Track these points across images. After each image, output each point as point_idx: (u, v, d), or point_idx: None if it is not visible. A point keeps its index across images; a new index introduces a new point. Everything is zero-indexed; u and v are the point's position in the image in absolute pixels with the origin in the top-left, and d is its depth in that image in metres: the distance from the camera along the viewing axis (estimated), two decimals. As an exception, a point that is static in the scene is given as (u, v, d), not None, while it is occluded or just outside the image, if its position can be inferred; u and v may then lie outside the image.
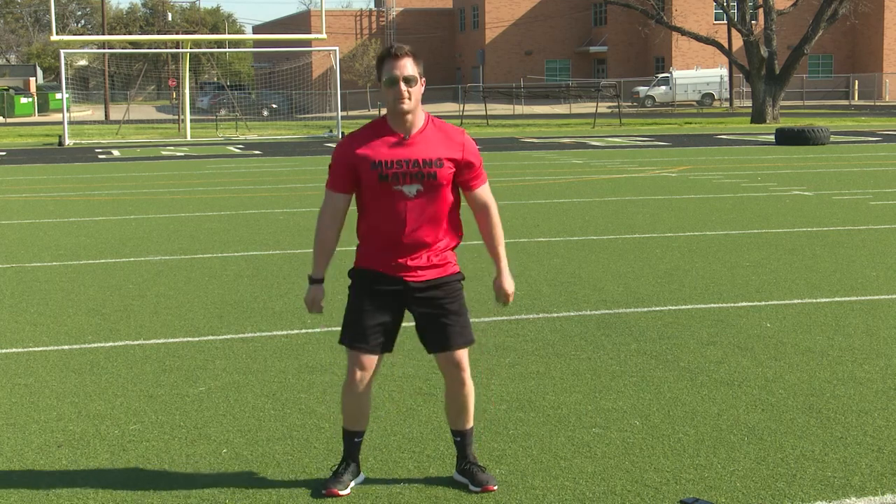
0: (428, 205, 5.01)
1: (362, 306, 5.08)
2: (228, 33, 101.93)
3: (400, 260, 5.04)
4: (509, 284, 5.27)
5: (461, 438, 5.26)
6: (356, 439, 5.23)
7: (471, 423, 5.28)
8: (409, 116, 4.98)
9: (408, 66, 4.94)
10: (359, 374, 5.09)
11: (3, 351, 8.06)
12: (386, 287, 5.06)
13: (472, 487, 5.13)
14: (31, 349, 8.10)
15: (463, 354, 5.12)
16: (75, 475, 5.43)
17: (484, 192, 5.21)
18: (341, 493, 5.10)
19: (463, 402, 5.20)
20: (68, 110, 41.80)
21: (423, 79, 5.02)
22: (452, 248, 5.18)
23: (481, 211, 5.21)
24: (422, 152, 4.98)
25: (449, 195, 5.07)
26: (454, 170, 5.04)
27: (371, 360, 5.08)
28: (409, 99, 4.94)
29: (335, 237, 5.15)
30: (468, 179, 5.13)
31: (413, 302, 5.09)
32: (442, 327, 5.09)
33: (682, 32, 52.82)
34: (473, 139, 5.22)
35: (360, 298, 5.10)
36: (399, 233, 5.01)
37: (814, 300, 9.53)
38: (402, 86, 4.92)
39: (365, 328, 5.06)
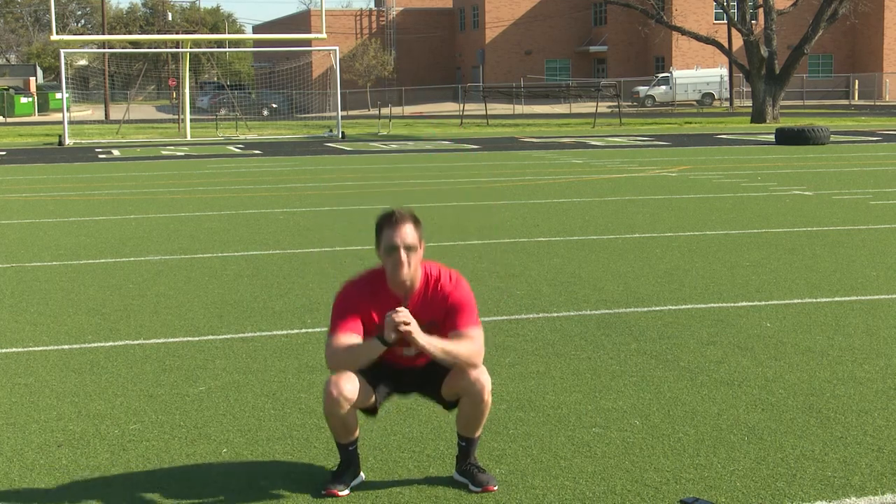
0: (425, 355, 5.08)
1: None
2: (228, 33, 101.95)
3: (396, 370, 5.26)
4: (414, 325, 4.90)
5: (467, 444, 5.26)
6: (350, 448, 5.22)
7: (479, 433, 5.28)
8: (408, 282, 5.01)
9: (408, 235, 4.93)
10: (337, 398, 5.04)
11: (3, 350, 8.06)
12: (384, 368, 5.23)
13: (472, 487, 5.13)
14: (31, 349, 8.10)
15: (486, 376, 5.14)
16: (75, 475, 5.43)
17: (469, 330, 5.06)
18: (341, 493, 5.10)
19: (479, 414, 5.19)
20: (68, 110, 41.79)
21: (423, 242, 5.01)
22: None
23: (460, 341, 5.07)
24: (419, 316, 4.98)
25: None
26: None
27: (356, 387, 5.08)
28: (409, 266, 4.94)
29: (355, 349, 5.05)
30: (454, 324, 5.06)
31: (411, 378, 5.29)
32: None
33: (682, 32, 52.83)
34: (464, 284, 5.13)
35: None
36: (393, 366, 5.19)
37: (814, 300, 9.53)
38: (403, 254, 4.92)
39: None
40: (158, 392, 6.87)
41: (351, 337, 4.99)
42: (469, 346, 5.03)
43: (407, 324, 4.86)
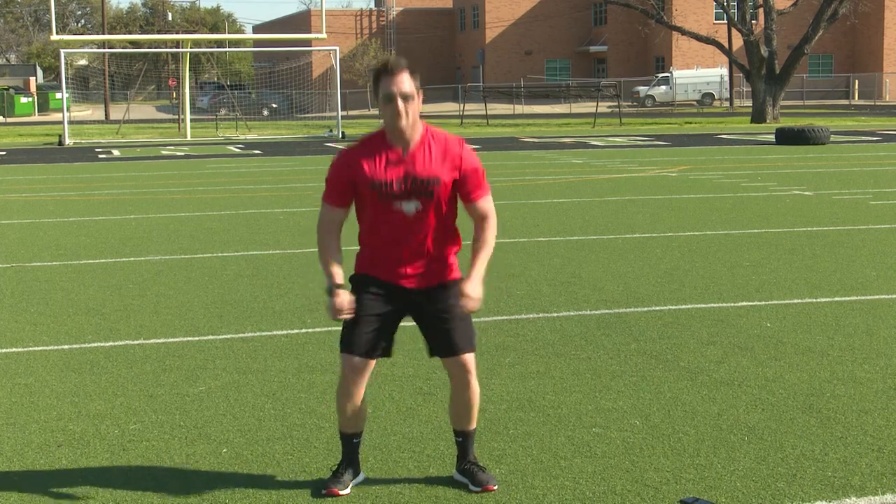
0: (427, 219, 4.99)
1: (361, 315, 5.05)
2: (228, 33, 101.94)
3: (400, 269, 5.03)
4: (472, 288, 4.96)
5: (463, 439, 5.26)
6: (354, 440, 5.23)
7: (474, 425, 5.27)
8: (407, 132, 4.93)
9: (405, 82, 4.89)
10: (351, 377, 5.07)
11: (3, 350, 8.06)
12: (385, 292, 5.04)
13: (472, 487, 5.13)
14: (31, 349, 8.10)
15: (470, 358, 5.11)
16: (75, 475, 5.43)
17: (483, 204, 5.09)
18: (341, 492, 5.10)
19: (468, 404, 5.19)
20: (68, 110, 41.79)
21: (421, 92, 4.97)
22: (454, 254, 5.16)
23: (478, 222, 5.12)
24: (420, 169, 4.94)
25: (448, 208, 5.05)
26: (452, 183, 5.01)
27: (364, 364, 5.06)
28: (407, 115, 4.89)
29: (338, 246, 5.10)
30: (467, 192, 5.06)
31: (416, 307, 5.07)
32: (448, 332, 5.06)
33: (683, 32, 52.82)
34: (473, 148, 5.18)
35: (360, 308, 5.06)
36: (399, 245, 5.01)
37: (814, 300, 9.53)
38: (400, 102, 4.87)
39: (361, 334, 5.03)
40: (158, 392, 6.87)
41: (338, 211, 5.02)
42: (491, 231, 5.09)
43: (472, 300, 4.93)
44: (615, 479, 5.24)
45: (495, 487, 5.13)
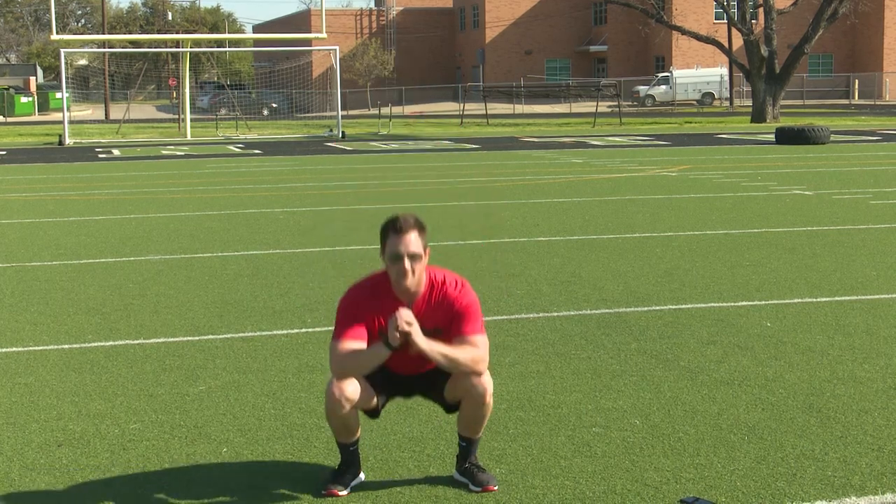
0: (428, 361, 5.05)
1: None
2: (228, 32, 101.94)
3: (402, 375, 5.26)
4: (418, 334, 4.85)
5: (468, 445, 5.25)
6: (351, 448, 5.22)
7: (481, 434, 5.27)
8: (412, 289, 4.98)
9: (412, 243, 4.88)
10: (339, 403, 5.05)
11: (4, 350, 8.06)
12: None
13: (472, 487, 5.13)
14: (31, 348, 8.10)
15: (488, 378, 5.13)
16: (75, 474, 5.43)
17: (474, 337, 5.04)
18: (341, 493, 5.09)
19: (481, 417, 5.19)
20: (68, 109, 41.78)
21: (428, 250, 4.98)
22: None
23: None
24: (423, 322, 4.94)
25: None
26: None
27: (356, 389, 5.07)
28: (413, 275, 4.91)
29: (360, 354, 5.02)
30: (459, 327, 5.04)
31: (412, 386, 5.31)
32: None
33: (683, 32, 52.82)
34: (470, 292, 5.11)
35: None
36: (399, 369, 5.18)
37: (814, 299, 9.53)
38: (407, 262, 4.88)
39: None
40: (158, 391, 6.87)
41: (355, 343, 4.96)
42: (472, 352, 5.00)
43: (409, 324, 4.81)
44: (615, 479, 5.24)
45: (496, 487, 5.13)
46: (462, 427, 5.24)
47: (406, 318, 4.82)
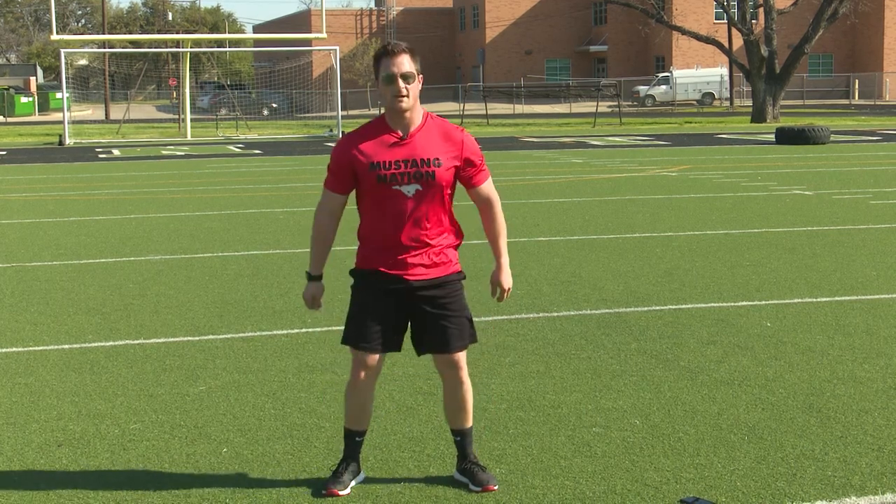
0: (427, 204, 4.99)
1: (364, 306, 5.07)
2: (228, 33, 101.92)
3: (400, 258, 5.02)
4: (507, 279, 5.29)
5: (461, 437, 5.26)
6: (357, 438, 5.23)
7: (470, 422, 5.27)
8: (408, 114, 4.94)
9: (405, 63, 4.90)
10: (362, 373, 5.09)
11: (4, 350, 8.06)
12: (387, 286, 5.04)
13: (472, 487, 5.13)
14: (31, 348, 8.10)
15: (461, 355, 5.12)
16: (75, 474, 5.43)
17: (486, 188, 5.18)
18: (341, 492, 5.10)
19: (461, 401, 5.20)
20: (69, 110, 41.78)
21: (421, 76, 4.98)
22: (454, 247, 5.17)
23: (483, 206, 5.22)
24: (420, 152, 4.94)
25: (448, 195, 5.06)
26: (454, 169, 5.02)
27: (374, 359, 5.08)
28: (408, 96, 4.90)
29: (332, 234, 5.17)
30: (469, 176, 5.10)
31: (413, 301, 5.07)
32: (441, 329, 5.07)
33: (683, 32, 52.82)
34: (474, 137, 5.20)
35: (362, 298, 5.08)
36: (399, 232, 5.00)
37: (814, 299, 9.53)
38: (400, 83, 4.88)
39: (367, 328, 5.04)
40: (159, 392, 6.87)
41: (337, 196, 5.09)
42: (498, 210, 5.26)
43: (504, 290, 5.29)
44: (615, 479, 5.24)
45: (496, 487, 5.13)
46: (450, 419, 5.27)
47: (502, 293, 5.31)
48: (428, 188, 4.96)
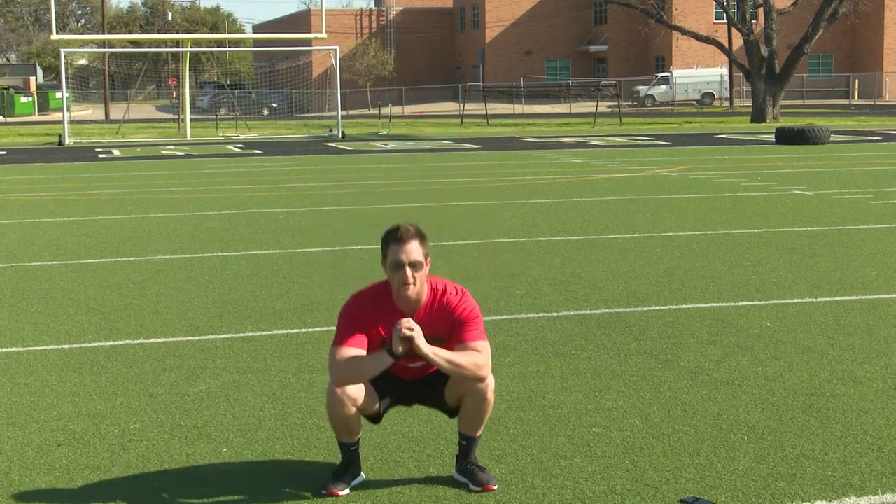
0: (430, 366, 5.07)
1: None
2: (228, 32, 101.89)
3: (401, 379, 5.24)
4: (420, 338, 4.87)
5: (468, 443, 5.25)
6: (352, 448, 5.22)
7: (481, 432, 5.28)
8: (414, 298, 4.98)
9: (414, 252, 4.89)
10: (347, 405, 5.05)
11: (4, 350, 8.06)
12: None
13: (472, 487, 5.13)
14: (31, 348, 8.10)
15: (491, 377, 5.14)
16: (75, 474, 5.43)
17: (475, 344, 5.03)
18: (341, 492, 5.09)
19: (482, 413, 5.19)
20: (68, 109, 41.77)
21: (429, 258, 4.98)
22: None
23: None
24: (426, 331, 4.93)
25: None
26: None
27: (360, 391, 5.09)
28: (415, 284, 4.92)
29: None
30: (460, 334, 5.03)
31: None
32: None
33: (682, 32, 52.81)
34: (464, 290, 5.11)
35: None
36: (402, 376, 5.20)
37: (814, 299, 9.53)
38: (408, 271, 4.89)
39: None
40: (158, 391, 6.87)
41: (356, 350, 4.95)
42: (474, 357, 4.98)
43: (411, 330, 4.82)
44: (615, 479, 5.24)
45: (495, 487, 5.13)
46: (463, 425, 5.24)
47: (408, 325, 4.83)
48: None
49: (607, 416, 6.21)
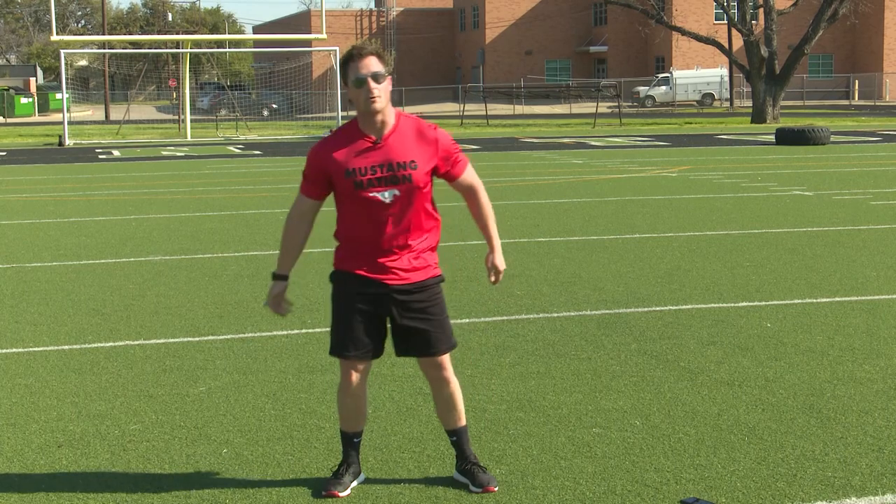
0: (405, 207, 4.95)
1: (348, 315, 5.03)
2: (228, 33, 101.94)
3: (379, 262, 5.00)
4: (501, 261, 5.26)
5: (457, 437, 5.25)
6: (355, 439, 5.23)
7: (463, 421, 5.26)
8: (380, 116, 4.88)
9: (374, 64, 4.85)
10: (354, 378, 5.08)
11: (4, 351, 8.06)
12: (367, 290, 5.01)
13: (472, 488, 5.13)
14: (31, 349, 8.10)
15: (445, 357, 5.12)
16: (75, 475, 5.43)
17: (467, 177, 5.16)
18: (341, 494, 5.09)
19: (450, 400, 5.19)
20: (68, 110, 41.79)
21: (391, 76, 4.95)
22: (433, 249, 5.13)
23: (468, 195, 5.21)
24: (395, 155, 4.90)
25: (425, 196, 5.02)
26: (431, 169, 4.99)
27: (363, 364, 5.08)
28: (381, 97, 4.84)
29: (303, 237, 5.29)
30: (449, 170, 5.07)
31: (394, 305, 5.04)
32: (424, 333, 5.04)
33: (683, 32, 52.80)
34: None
35: (345, 307, 5.05)
36: (378, 237, 4.97)
37: (814, 300, 9.53)
38: (371, 84, 4.82)
39: (353, 335, 5.02)
40: (159, 392, 6.87)
41: (309, 204, 5.19)
42: (487, 199, 5.25)
43: (500, 272, 5.24)
44: (615, 480, 5.24)
45: (496, 488, 5.13)
46: (443, 420, 5.27)
47: (501, 269, 5.24)
48: (405, 192, 4.92)
49: (607, 417, 6.21)
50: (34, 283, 10.88)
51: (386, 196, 4.91)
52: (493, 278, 5.28)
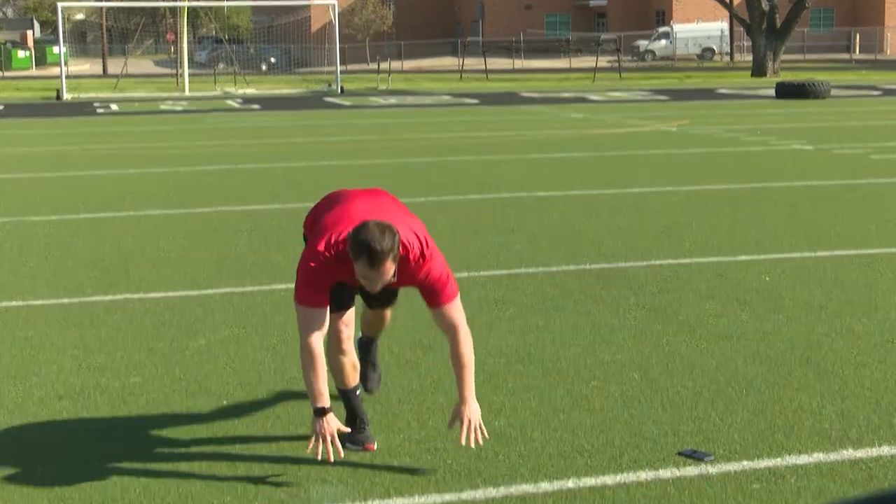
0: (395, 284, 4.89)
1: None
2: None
3: None
4: (470, 411, 4.76)
5: (369, 341, 5.81)
6: (358, 392, 5.23)
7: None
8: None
9: (386, 273, 4.56)
10: (342, 332, 5.06)
11: (3, 304, 8.08)
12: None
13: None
14: (31, 302, 8.11)
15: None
16: (76, 427, 5.45)
17: (449, 311, 4.80)
18: (375, 446, 5.06)
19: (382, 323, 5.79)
20: (66, 64, 41.57)
21: (395, 265, 4.61)
22: None
23: (448, 333, 4.86)
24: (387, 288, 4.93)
25: None
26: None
27: (349, 314, 5.07)
28: (379, 286, 4.69)
29: (324, 360, 4.83)
30: (427, 299, 4.86)
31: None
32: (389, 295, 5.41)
33: (683, -14, 52.44)
34: (437, 261, 4.84)
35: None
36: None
37: (813, 254, 9.53)
38: (378, 286, 4.67)
39: (332, 291, 4.85)
40: (158, 345, 6.89)
41: (321, 314, 4.74)
42: (468, 345, 4.82)
43: (469, 424, 4.74)
44: (613, 432, 5.26)
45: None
46: (366, 329, 5.72)
47: (475, 422, 4.77)
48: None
49: (606, 370, 6.23)
50: (33, 237, 10.87)
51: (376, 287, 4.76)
52: (463, 434, 4.74)
